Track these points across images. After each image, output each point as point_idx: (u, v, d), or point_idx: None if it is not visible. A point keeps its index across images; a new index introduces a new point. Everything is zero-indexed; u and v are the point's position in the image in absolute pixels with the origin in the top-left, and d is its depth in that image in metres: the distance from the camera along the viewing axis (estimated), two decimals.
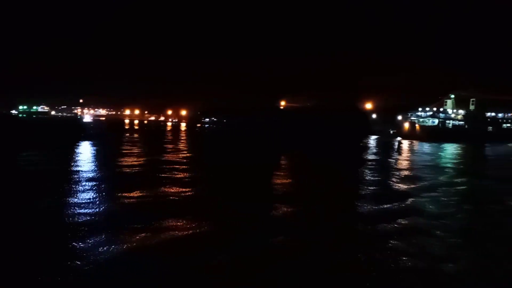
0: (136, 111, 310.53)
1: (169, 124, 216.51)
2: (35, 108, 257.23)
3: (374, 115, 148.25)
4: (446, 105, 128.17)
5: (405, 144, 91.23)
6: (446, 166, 48.28)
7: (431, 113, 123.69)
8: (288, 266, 14.04)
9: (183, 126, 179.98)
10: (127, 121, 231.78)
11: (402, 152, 68.76)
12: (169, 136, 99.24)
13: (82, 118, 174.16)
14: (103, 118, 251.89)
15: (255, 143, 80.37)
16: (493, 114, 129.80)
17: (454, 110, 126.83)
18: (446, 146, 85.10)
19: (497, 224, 20.72)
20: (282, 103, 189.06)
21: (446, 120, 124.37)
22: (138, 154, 49.11)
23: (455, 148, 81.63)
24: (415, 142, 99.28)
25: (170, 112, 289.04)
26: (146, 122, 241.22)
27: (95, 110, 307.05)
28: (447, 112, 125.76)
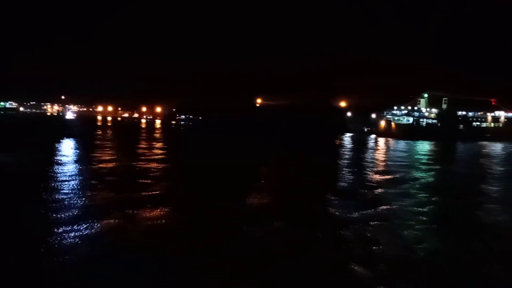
0: (109, 108, 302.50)
1: (143, 121, 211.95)
2: (2, 104, 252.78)
3: (349, 114, 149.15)
4: (420, 104, 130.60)
5: (381, 141, 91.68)
6: (418, 161, 48.36)
7: (406, 111, 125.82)
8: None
9: (158, 124, 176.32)
10: (99, 117, 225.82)
11: (377, 149, 68.86)
12: (142, 133, 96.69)
13: (64, 115, 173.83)
14: (75, 115, 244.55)
15: (228, 141, 78.73)
16: (463, 113, 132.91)
17: (428, 109, 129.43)
18: (418, 143, 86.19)
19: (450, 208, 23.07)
20: (258, 100, 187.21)
21: (420, 119, 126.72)
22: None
23: (428, 145, 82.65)
24: (390, 139, 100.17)
25: (144, 109, 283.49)
26: (119, 119, 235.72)
27: (67, 106, 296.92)
28: (421, 111, 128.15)
